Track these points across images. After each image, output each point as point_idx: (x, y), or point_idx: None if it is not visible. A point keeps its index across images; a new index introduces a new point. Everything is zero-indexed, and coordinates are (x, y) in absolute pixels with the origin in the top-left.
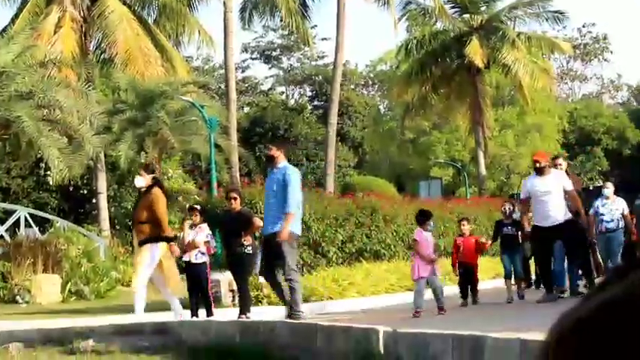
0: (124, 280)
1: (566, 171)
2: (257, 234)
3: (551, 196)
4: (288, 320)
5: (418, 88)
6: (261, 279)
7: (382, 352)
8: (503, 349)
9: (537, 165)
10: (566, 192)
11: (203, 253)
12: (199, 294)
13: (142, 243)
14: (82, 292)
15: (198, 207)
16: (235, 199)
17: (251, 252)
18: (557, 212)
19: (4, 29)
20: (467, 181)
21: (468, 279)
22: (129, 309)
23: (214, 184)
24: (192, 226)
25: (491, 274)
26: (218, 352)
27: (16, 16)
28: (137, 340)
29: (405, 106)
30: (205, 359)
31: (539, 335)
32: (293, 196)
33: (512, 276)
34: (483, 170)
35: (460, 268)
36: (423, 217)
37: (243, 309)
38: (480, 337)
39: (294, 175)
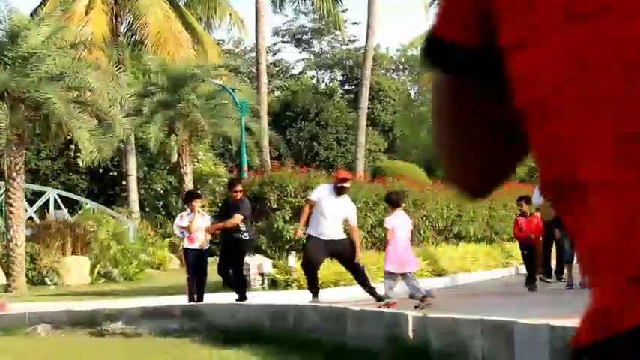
0: (153, 262)
1: None
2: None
3: (337, 219)
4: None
5: None
6: (291, 262)
7: (412, 336)
8: (532, 335)
9: (342, 185)
10: (348, 222)
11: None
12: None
13: None
14: (111, 274)
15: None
16: (240, 191)
17: (247, 237)
18: (334, 231)
19: (35, 11)
20: None
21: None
22: (157, 291)
23: (245, 168)
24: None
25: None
26: (247, 336)
27: None
28: (166, 322)
29: None
30: (234, 342)
31: (569, 322)
32: None
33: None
34: None
35: (524, 250)
36: (397, 199)
37: (240, 292)
38: (509, 323)
39: None
